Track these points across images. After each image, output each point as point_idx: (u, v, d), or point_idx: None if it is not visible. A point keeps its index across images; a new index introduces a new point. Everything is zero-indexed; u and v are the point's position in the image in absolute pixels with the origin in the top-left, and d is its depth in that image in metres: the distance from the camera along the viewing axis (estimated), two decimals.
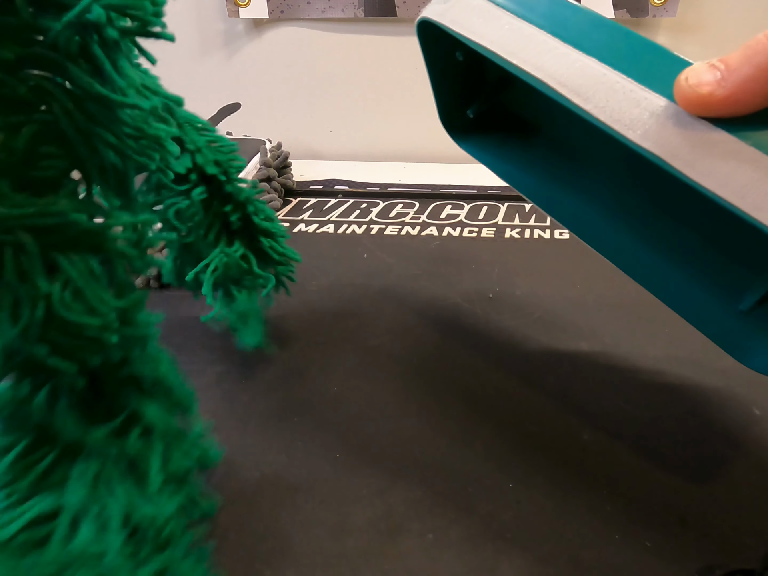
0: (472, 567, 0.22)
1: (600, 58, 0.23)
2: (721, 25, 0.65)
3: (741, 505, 0.25)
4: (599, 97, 0.23)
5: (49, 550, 0.17)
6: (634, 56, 0.23)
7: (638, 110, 0.22)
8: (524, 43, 0.25)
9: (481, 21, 0.26)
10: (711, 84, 0.20)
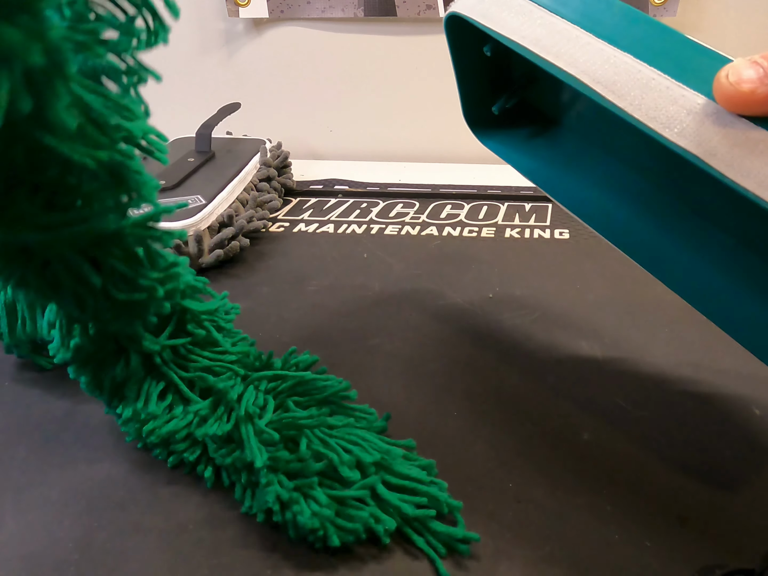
0: (472, 567, 0.22)
1: (635, 54, 0.23)
2: (721, 25, 0.65)
3: (741, 505, 0.25)
4: (634, 94, 0.22)
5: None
6: (671, 52, 0.22)
7: (675, 108, 0.21)
8: (557, 39, 0.24)
9: (512, 16, 0.25)
10: (753, 81, 0.20)
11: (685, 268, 0.28)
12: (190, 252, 0.43)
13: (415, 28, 0.69)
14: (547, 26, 0.25)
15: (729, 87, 0.20)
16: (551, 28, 0.24)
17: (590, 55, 0.23)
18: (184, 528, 0.24)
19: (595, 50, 0.23)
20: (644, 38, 0.23)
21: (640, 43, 0.23)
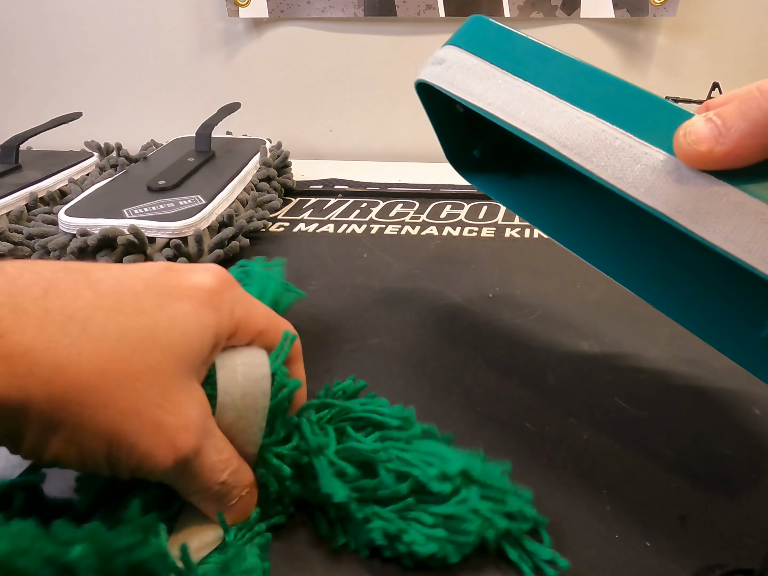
0: (472, 567, 0.22)
1: (598, 114, 0.23)
2: (721, 25, 0.65)
3: (741, 505, 0.25)
4: (600, 155, 0.23)
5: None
6: (631, 109, 0.23)
7: (639, 167, 0.22)
8: (522, 103, 0.25)
9: (477, 81, 0.26)
10: (709, 141, 0.20)
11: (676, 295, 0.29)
12: (190, 252, 0.43)
13: (415, 28, 0.69)
14: (511, 90, 0.25)
15: (687, 147, 0.21)
16: (515, 91, 0.25)
17: (554, 119, 0.24)
18: None
19: (558, 112, 0.24)
20: (605, 96, 0.23)
21: (601, 100, 0.23)
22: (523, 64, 0.26)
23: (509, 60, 0.26)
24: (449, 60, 0.27)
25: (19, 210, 0.46)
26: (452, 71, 0.27)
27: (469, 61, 0.27)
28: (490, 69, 0.26)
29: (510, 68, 0.26)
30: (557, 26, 0.66)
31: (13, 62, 0.75)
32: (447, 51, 0.28)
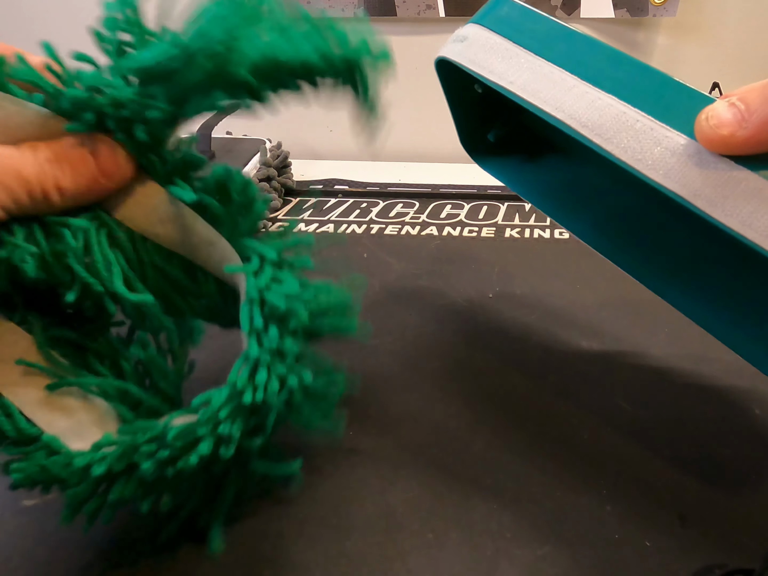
0: (472, 567, 0.22)
1: (620, 96, 0.23)
2: (721, 25, 0.65)
3: (741, 505, 0.25)
4: (620, 137, 0.23)
5: None
6: (653, 92, 0.23)
7: (659, 149, 0.22)
8: (544, 83, 0.25)
9: (499, 60, 0.26)
10: (732, 124, 0.20)
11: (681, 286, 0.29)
12: None
13: (415, 28, 0.69)
14: (533, 70, 0.25)
15: (709, 130, 0.21)
16: (537, 71, 0.25)
17: (576, 99, 0.24)
18: (184, 528, 0.24)
19: (580, 93, 0.24)
20: (627, 79, 0.23)
21: (623, 84, 0.23)
22: (546, 45, 0.25)
23: (532, 40, 0.26)
24: (471, 38, 0.27)
25: None
26: (474, 49, 0.27)
27: (492, 39, 0.27)
28: (512, 48, 0.26)
29: (533, 48, 0.26)
30: None
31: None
32: (469, 29, 0.27)
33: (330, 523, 0.24)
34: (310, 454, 0.28)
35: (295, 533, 0.24)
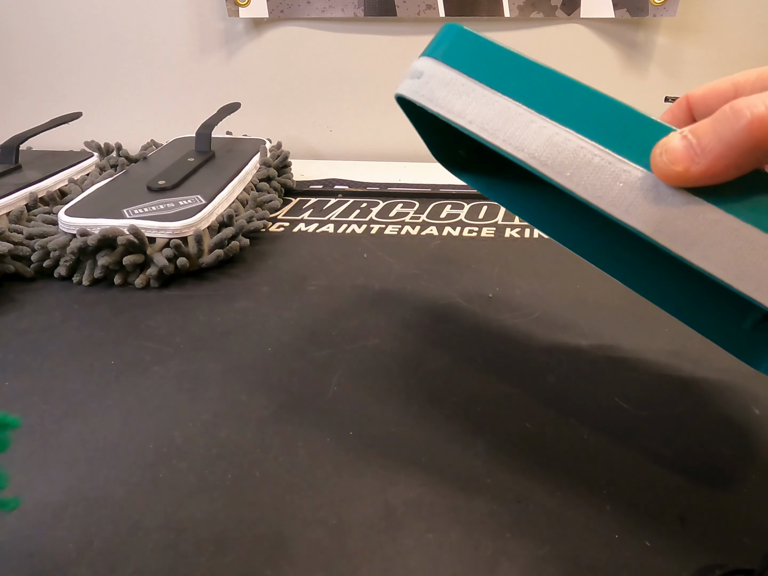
0: (472, 567, 0.22)
1: (576, 129, 0.23)
2: (721, 25, 0.65)
3: (741, 505, 0.25)
4: (580, 174, 0.23)
5: None
6: (609, 123, 0.23)
7: (619, 185, 0.22)
8: (502, 120, 0.25)
9: (456, 96, 0.26)
10: (685, 160, 0.21)
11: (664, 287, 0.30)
12: (190, 252, 0.43)
13: (415, 28, 0.69)
14: (491, 105, 0.25)
15: (664, 166, 0.21)
16: (495, 107, 0.25)
17: (534, 136, 0.24)
18: (184, 528, 0.24)
19: (537, 129, 0.24)
20: (583, 109, 0.23)
21: (579, 114, 0.23)
22: (501, 77, 0.25)
23: (486, 72, 0.26)
24: (427, 73, 0.27)
25: (19, 210, 0.46)
26: (431, 86, 0.27)
27: (448, 74, 0.27)
28: (468, 83, 0.26)
29: (488, 81, 0.26)
30: (557, 26, 0.66)
31: (14, 62, 0.75)
32: (424, 63, 0.27)
33: (330, 523, 0.24)
34: (309, 453, 0.28)
35: (295, 533, 0.24)
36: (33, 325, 0.38)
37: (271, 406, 0.31)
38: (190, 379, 0.33)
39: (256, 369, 0.33)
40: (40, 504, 0.25)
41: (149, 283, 0.42)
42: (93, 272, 0.42)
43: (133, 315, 0.39)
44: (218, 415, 0.30)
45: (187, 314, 0.39)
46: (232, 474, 0.27)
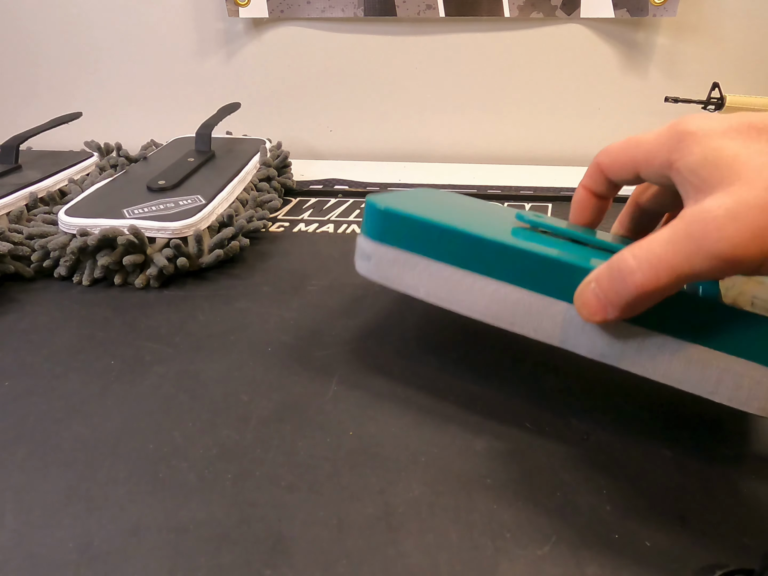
0: (472, 567, 0.22)
1: (513, 281, 0.27)
2: (721, 25, 0.65)
3: (741, 505, 0.25)
4: (523, 321, 0.27)
5: None
6: (536, 273, 0.26)
7: (561, 325, 0.26)
8: (449, 287, 0.28)
9: (406, 271, 0.29)
10: (599, 312, 0.23)
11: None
12: (190, 252, 0.43)
13: (415, 28, 0.69)
14: (435, 275, 0.28)
15: (588, 317, 0.24)
16: (439, 276, 0.28)
17: (481, 296, 0.27)
18: (184, 528, 0.24)
19: (480, 289, 0.27)
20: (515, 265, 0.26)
21: (513, 270, 0.26)
22: (433, 246, 0.28)
23: (420, 245, 0.29)
24: (374, 256, 0.30)
25: (19, 210, 0.46)
26: (381, 267, 0.30)
27: (390, 254, 0.29)
28: (410, 258, 0.29)
29: (425, 252, 0.29)
30: (557, 26, 0.66)
31: (13, 62, 0.75)
32: (367, 245, 0.30)
33: (330, 523, 0.24)
34: (309, 453, 0.28)
35: (295, 533, 0.24)
36: (33, 325, 0.38)
37: (271, 406, 0.31)
38: (190, 379, 0.33)
39: (256, 369, 0.33)
40: (40, 504, 0.25)
41: (149, 283, 0.42)
42: (93, 272, 0.42)
43: (133, 315, 0.39)
44: (218, 415, 0.30)
45: (187, 314, 0.39)
46: (232, 474, 0.27)
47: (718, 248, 0.20)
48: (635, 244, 0.22)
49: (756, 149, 0.21)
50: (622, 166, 0.26)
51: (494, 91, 0.71)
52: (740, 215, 0.19)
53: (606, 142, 0.28)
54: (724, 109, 0.61)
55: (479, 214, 0.32)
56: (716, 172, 0.21)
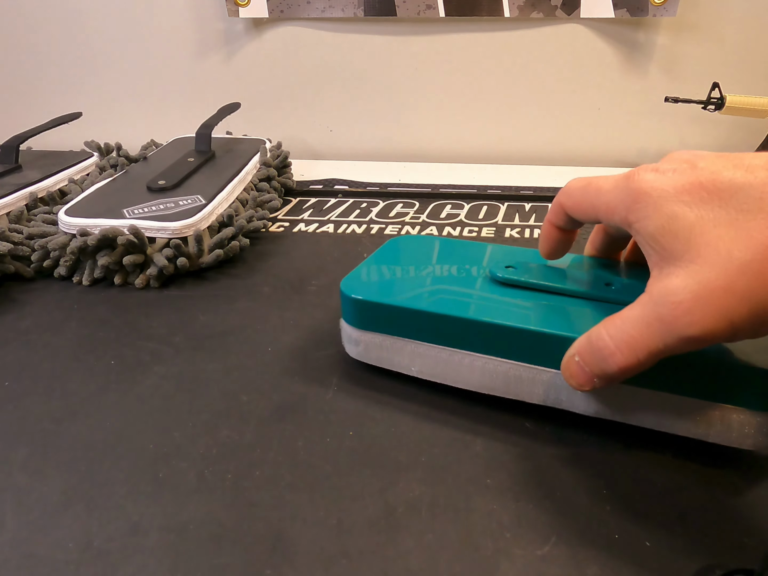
0: (472, 567, 0.22)
1: (499, 355, 0.28)
2: (721, 25, 0.65)
3: (741, 505, 0.25)
4: (521, 389, 0.28)
5: None
6: (521, 345, 0.27)
7: (554, 390, 0.28)
8: (441, 365, 0.30)
9: (395, 354, 0.31)
10: (587, 382, 0.24)
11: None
12: (190, 252, 0.43)
13: (415, 28, 0.69)
14: (425, 355, 0.30)
15: (577, 387, 0.25)
16: (429, 355, 0.30)
17: (471, 371, 0.29)
18: (184, 528, 0.24)
19: (470, 364, 0.29)
20: (497, 340, 0.28)
21: (496, 345, 0.28)
22: (417, 330, 0.29)
23: (404, 329, 0.30)
24: (363, 343, 0.31)
25: (19, 210, 0.46)
26: (371, 352, 0.31)
27: (376, 339, 0.31)
28: (397, 342, 0.30)
29: (411, 336, 0.30)
30: (557, 26, 0.66)
31: (13, 62, 0.75)
32: (354, 333, 0.31)
33: (330, 523, 0.24)
34: (309, 453, 0.28)
35: (295, 533, 0.24)
36: (33, 325, 0.38)
37: (271, 406, 0.31)
38: (190, 379, 0.33)
39: (256, 369, 0.33)
40: (40, 504, 0.25)
41: (149, 283, 0.42)
42: (93, 272, 0.42)
43: (133, 315, 0.39)
44: (218, 415, 0.30)
45: (187, 314, 0.39)
46: (232, 474, 0.27)
47: (690, 332, 0.21)
48: (609, 322, 0.23)
49: (709, 218, 0.21)
50: (584, 211, 0.26)
51: (494, 91, 0.71)
52: (705, 298, 0.20)
53: (606, 142, 0.28)
54: (724, 109, 0.61)
55: (453, 276, 0.32)
56: (676, 243, 0.21)
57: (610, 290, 0.28)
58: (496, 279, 0.30)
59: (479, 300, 0.29)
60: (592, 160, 0.71)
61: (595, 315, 0.27)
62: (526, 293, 0.29)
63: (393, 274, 0.32)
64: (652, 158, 0.72)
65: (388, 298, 0.30)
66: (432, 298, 0.29)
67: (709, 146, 0.72)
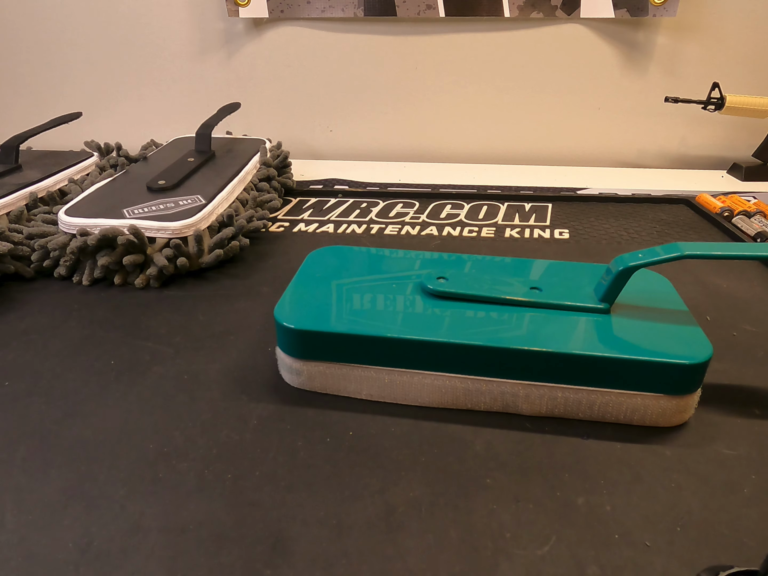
0: (472, 567, 0.22)
1: (443, 371, 0.29)
2: (721, 25, 0.65)
3: (741, 505, 0.25)
4: (469, 400, 0.29)
5: None
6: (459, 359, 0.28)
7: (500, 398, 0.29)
8: (388, 387, 0.30)
9: (341, 380, 0.30)
10: None
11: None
12: (191, 252, 0.43)
13: (415, 28, 0.69)
14: (372, 380, 0.30)
15: None
16: (374, 378, 0.29)
17: (419, 390, 0.29)
18: (184, 528, 0.24)
19: (417, 383, 0.29)
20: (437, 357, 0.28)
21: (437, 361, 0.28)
22: (358, 353, 0.29)
23: (344, 355, 0.29)
24: (305, 372, 0.30)
25: (19, 210, 0.46)
26: (314, 380, 0.31)
27: (318, 368, 0.30)
28: (341, 369, 0.30)
29: (352, 360, 0.29)
30: (557, 26, 0.66)
31: (14, 62, 0.75)
32: (292, 362, 0.30)
33: (330, 523, 0.24)
34: (310, 453, 0.28)
35: (295, 533, 0.24)
36: (33, 325, 0.38)
37: (271, 407, 0.31)
38: (190, 379, 0.33)
39: (256, 369, 0.33)
40: (40, 504, 0.25)
41: (149, 283, 0.42)
42: (93, 272, 0.42)
43: (133, 315, 0.39)
44: (218, 415, 0.30)
45: (187, 314, 0.39)
46: (232, 474, 0.27)
47: None
48: None
49: None
50: None
51: (494, 91, 0.71)
52: None
53: (606, 141, 0.28)
54: (724, 109, 0.61)
55: (387, 291, 0.32)
56: None
57: (539, 294, 0.30)
58: (429, 291, 0.31)
59: (419, 318, 0.29)
60: (592, 160, 0.71)
61: (528, 323, 0.29)
62: (459, 304, 0.30)
63: (326, 294, 0.31)
64: (652, 158, 0.72)
65: (328, 325, 0.29)
66: (372, 321, 0.29)
67: (709, 146, 0.72)
